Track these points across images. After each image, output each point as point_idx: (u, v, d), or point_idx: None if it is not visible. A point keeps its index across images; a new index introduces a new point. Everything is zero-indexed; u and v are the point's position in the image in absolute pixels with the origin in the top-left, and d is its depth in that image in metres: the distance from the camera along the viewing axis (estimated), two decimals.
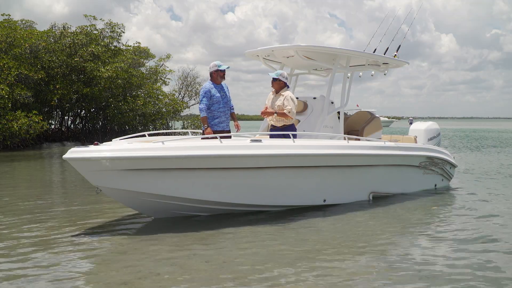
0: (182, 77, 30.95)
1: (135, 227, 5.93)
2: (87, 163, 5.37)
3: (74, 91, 23.11)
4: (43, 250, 4.85)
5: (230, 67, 6.88)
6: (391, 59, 8.64)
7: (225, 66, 6.71)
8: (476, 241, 5.30)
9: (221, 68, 6.69)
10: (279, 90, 7.02)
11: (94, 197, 7.83)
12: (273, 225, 5.93)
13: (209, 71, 6.75)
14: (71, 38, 23.01)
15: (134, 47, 26.76)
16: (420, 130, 9.44)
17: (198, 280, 4.02)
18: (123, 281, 3.97)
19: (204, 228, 5.71)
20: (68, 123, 26.77)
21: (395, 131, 35.97)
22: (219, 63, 6.73)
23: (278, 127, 6.97)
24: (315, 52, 7.75)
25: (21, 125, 17.80)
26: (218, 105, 6.65)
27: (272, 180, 6.26)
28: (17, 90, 18.54)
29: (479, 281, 4.01)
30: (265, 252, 4.84)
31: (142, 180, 5.57)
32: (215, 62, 6.76)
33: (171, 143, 5.68)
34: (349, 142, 7.02)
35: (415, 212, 6.93)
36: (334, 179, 6.92)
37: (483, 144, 24.95)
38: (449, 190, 8.98)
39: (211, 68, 6.72)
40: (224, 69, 6.72)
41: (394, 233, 5.72)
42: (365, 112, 8.93)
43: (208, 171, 5.78)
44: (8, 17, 22.04)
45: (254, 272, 4.20)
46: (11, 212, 6.81)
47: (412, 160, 8.13)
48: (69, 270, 4.26)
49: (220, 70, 6.70)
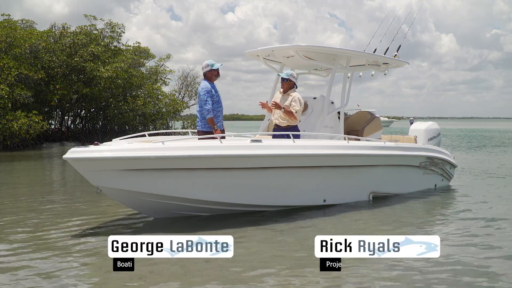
0: (182, 77, 31.00)
1: (135, 227, 5.93)
2: (87, 163, 5.37)
3: (74, 91, 23.11)
4: (42, 250, 4.85)
5: (222, 64, 6.74)
6: (391, 59, 8.64)
7: (218, 64, 6.53)
8: (476, 241, 5.30)
9: (214, 67, 6.53)
10: (287, 90, 7.01)
11: (94, 197, 7.83)
12: (273, 225, 5.92)
13: (202, 72, 6.62)
14: (71, 38, 23.02)
15: (134, 47, 26.77)
16: (420, 130, 9.44)
17: (198, 280, 4.02)
18: (123, 281, 3.96)
19: (204, 228, 5.71)
20: (68, 123, 26.78)
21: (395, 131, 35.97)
22: (212, 62, 6.56)
23: (282, 127, 6.95)
24: (315, 52, 7.74)
25: (21, 125, 17.80)
26: (217, 105, 6.55)
27: (272, 180, 6.25)
28: (17, 90, 18.54)
29: (479, 281, 4.01)
30: (265, 252, 4.84)
31: (142, 180, 5.57)
32: (207, 61, 6.56)
33: (171, 143, 5.68)
34: (349, 142, 7.02)
35: (415, 212, 6.92)
36: (334, 179, 6.92)
37: (484, 144, 24.94)
38: (449, 190, 8.98)
39: (204, 68, 6.54)
40: (218, 68, 6.61)
41: (394, 233, 5.71)
42: (365, 112, 8.93)
43: (208, 171, 5.78)
44: (8, 17, 22.05)
45: (254, 272, 4.20)
46: (11, 212, 6.81)
47: (412, 160, 8.13)
48: (69, 270, 4.26)
49: (214, 69, 6.58)
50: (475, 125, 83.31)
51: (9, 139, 18.33)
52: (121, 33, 25.62)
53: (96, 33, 24.39)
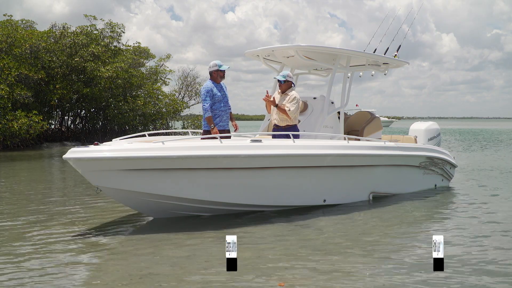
0: (182, 77, 31.03)
1: (135, 227, 5.94)
2: (87, 163, 5.37)
3: (74, 91, 23.13)
4: (42, 250, 4.85)
5: (230, 67, 6.88)
6: (391, 59, 8.64)
7: (226, 66, 6.72)
8: (476, 241, 5.30)
9: (221, 68, 6.70)
10: (285, 90, 7.04)
11: (94, 197, 7.84)
12: (273, 225, 5.93)
13: (209, 70, 6.75)
14: (71, 38, 23.03)
15: (134, 47, 26.80)
16: (420, 130, 9.44)
17: (198, 280, 4.02)
18: (123, 281, 3.96)
19: (204, 228, 5.71)
20: (68, 123, 26.79)
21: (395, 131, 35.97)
22: (220, 63, 6.74)
23: (281, 127, 6.97)
24: (315, 52, 7.75)
25: (21, 125, 17.80)
26: (219, 104, 6.65)
27: (272, 180, 6.25)
28: (17, 90, 18.54)
29: (479, 281, 4.01)
30: (265, 252, 4.84)
31: (142, 180, 5.56)
32: (216, 61, 6.74)
33: (171, 143, 5.68)
34: (349, 142, 7.01)
35: (415, 212, 6.92)
36: (334, 179, 6.92)
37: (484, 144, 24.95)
38: (449, 190, 8.98)
39: (211, 68, 6.72)
40: (224, 70, 6.73)
41: (394, 233, 5.71)
42: (365, 112, 8.94)
43: (208, 171, 5.78)
44: (9, 17, 22.06)
45: (254, 272, 4.20)
46: (10, 212, 6.81)
47: (412, 160, 8.13)
48: (68, 270, 4.26)
49: (220, 70, 6.71)
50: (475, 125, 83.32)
51: (9, 139, 18.34)
52: (121, 33, 25.66)
53: (97, 33, 24.40)
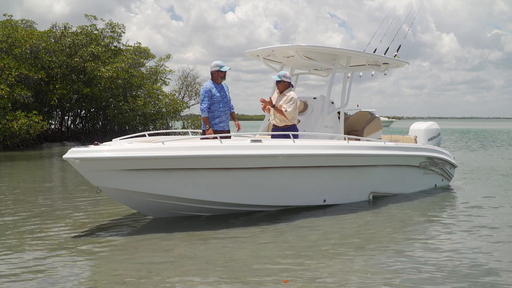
0: (182, 77, 31.00)
1: (135, 227, 5.93)
2: (87, 163, 5.37)
3: (74, 91, 23.11)
4: (42, 250, 4.85)
5: (231, 68, 6.89)
6: (391, 59, 8.65)
7: (227, 67, 6.72)
8: (476, 241, 5.30)
9: (222, 69, 6.70)
10: (283, 91, 7.05)
11: (94, 197, 7.83)
12: (273, 225, 5.92)
13: (210, 70, 6.77)
14: (72, 38, 23.02)
15: (134, 47, 26.78)
16: (420, 130, 9.44)
17: (198, 280, 4.02)
18: (123, 281, 3.96)
19: (204, 228, 5.71)
20: (68, 123, 26.77)
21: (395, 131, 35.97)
22: (221, 63, 6.74)
23: (280, 127, 6.99)
24: (316, 52, 7.75)
25: (21, 125, 17.79)
26: (218, 105, 6.67)
27: (272, 180, 6.25)
28: (17, 90, 18.53)
29: (479, 281, 4.01)
30: (265, 252, 4.84)
31: (142, 180, 5.56)
32: (217, 62, 6.75)
33: (171, 143, 5.68)
34: (349, 142, 7.01)
35: (415, 212, 6.92)
36: (334, 179, 6.92)
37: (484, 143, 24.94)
38: (449, 190, 8.97)
39: (212, 68, 6.73)
40: (225, 71, 6.73)
41: (394, 233, 5.71)
42: (365, 112, 8.94)
43: (208, 171, 5.78)
44: (9, 17, 22.05)
45: (254, 272, 4.20)
46: (10, 212, 6.81)
47: (412, 160, 8.13)
48: (68, 270, 4.26)
49: (221, 71, 6.71)
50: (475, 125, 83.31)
51: (9, 139, 18.33)
52: (121, 33, 25.65)
53: (97, 33, 24.40)
